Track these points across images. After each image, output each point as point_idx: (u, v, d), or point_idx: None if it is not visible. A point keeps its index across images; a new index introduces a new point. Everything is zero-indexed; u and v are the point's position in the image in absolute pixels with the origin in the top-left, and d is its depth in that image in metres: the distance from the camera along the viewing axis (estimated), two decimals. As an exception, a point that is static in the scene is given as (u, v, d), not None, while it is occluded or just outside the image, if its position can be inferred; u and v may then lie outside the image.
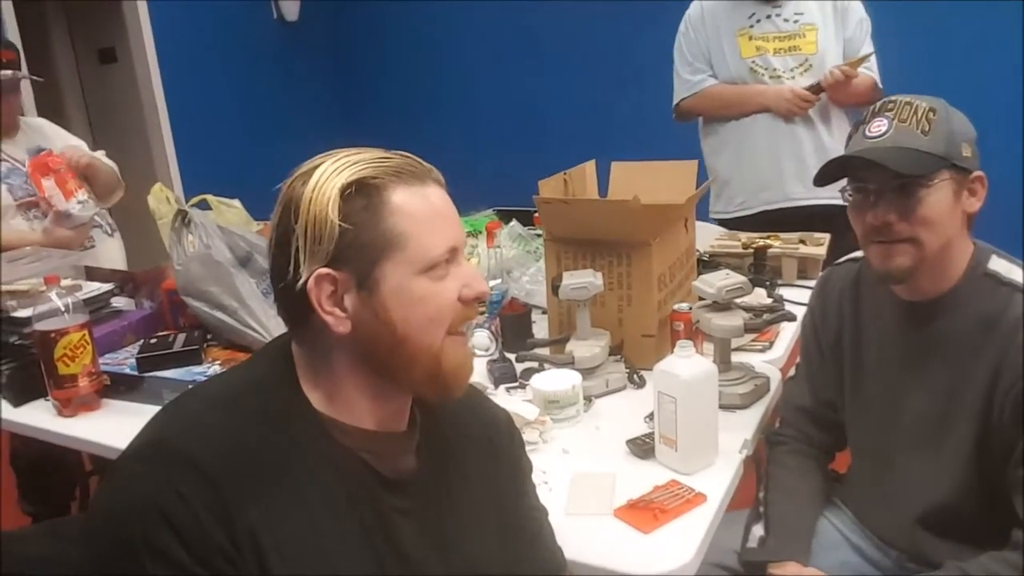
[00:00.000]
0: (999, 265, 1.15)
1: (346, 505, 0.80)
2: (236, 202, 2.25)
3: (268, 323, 1.70)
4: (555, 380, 1.46)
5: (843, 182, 1.20)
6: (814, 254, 2.07)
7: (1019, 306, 1.10)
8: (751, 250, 2.08)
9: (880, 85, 2.41)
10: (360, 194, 0.78)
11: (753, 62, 2.36)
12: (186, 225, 1.80)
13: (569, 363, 1.54)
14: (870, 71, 2.40)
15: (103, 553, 0.72)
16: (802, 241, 2.13)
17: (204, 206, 2.05)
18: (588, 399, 1.50)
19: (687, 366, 1.24)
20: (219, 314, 1.71)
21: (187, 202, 1.93)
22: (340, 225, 0.77)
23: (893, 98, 1.17)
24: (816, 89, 2.32)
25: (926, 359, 1.20)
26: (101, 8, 4.25)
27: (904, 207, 1.11)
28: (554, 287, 1.59)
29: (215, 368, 1.64)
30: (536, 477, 1.08)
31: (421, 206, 0.80)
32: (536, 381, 1.47)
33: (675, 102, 2.52)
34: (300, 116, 5.28)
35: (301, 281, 0.78)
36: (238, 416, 0.78)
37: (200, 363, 1.66)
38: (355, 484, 0.81)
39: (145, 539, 0.69)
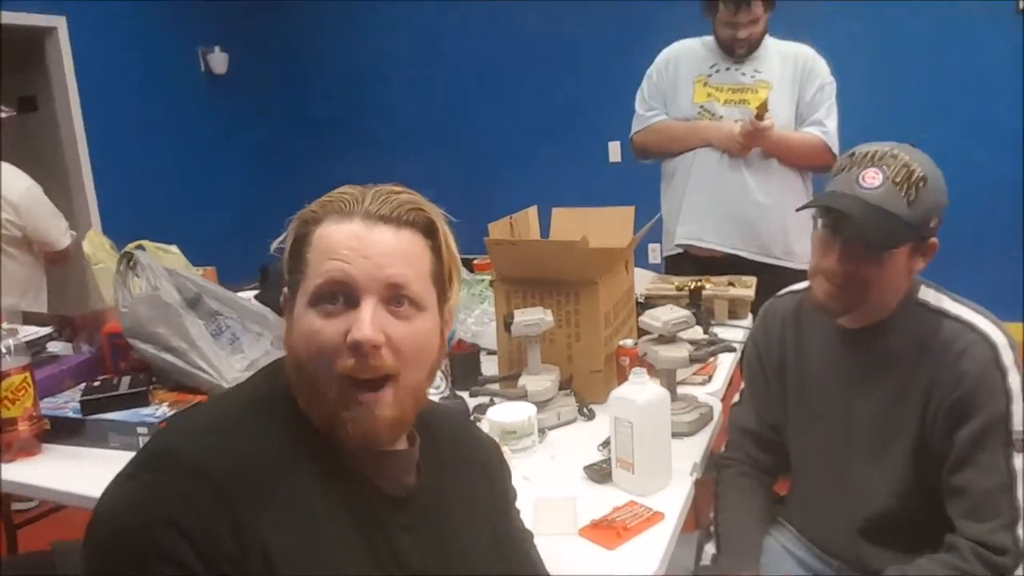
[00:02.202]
0: (928, 295, 1.28)
1: (350, 521, 0.81)
2: (174, 248, 2.23)
3: (219, 364, 1.69)
4: (511, 412, 1.50)
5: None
6: (743, 296, 2.21)
7: (948, 331, 1.22)
8: (684, 292, 2.19)
9: (834, 149, 2.39)
10: (304, 227, 0.85)
11: (701, 107, 2.47)
12: (132, 267, 1.79)
13: (522, 396, 1.59)
14: (824, 134, 2.40)
15: (110, 567, 0.70)
16: (731, 284, 2.27)
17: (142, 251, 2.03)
18: (541, 431, 1.55)
19: (641, 391, 1.31)
20: (168, 356, 1.69)
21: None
22: (285, 254, 0.85)
23: (894, 152, 1.20)
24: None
25: (866, 377, 1.30)
26: (22, 55, 4.16)
27: (866, 262, 1.21)
28: (506, 324, 1.63)
29: (163, 410, 1.61)
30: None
31: (329, 241, 0.82)
32: (492, 413, 1.51)
33: (629, 136, 2.64)
34: (227, 168, 5.24)
35: None
36: (242, 431, 0.80)
37: (147, 405, 1.63)
38: (359, 501, 0.82)
39: (158, 549, 0.68)
